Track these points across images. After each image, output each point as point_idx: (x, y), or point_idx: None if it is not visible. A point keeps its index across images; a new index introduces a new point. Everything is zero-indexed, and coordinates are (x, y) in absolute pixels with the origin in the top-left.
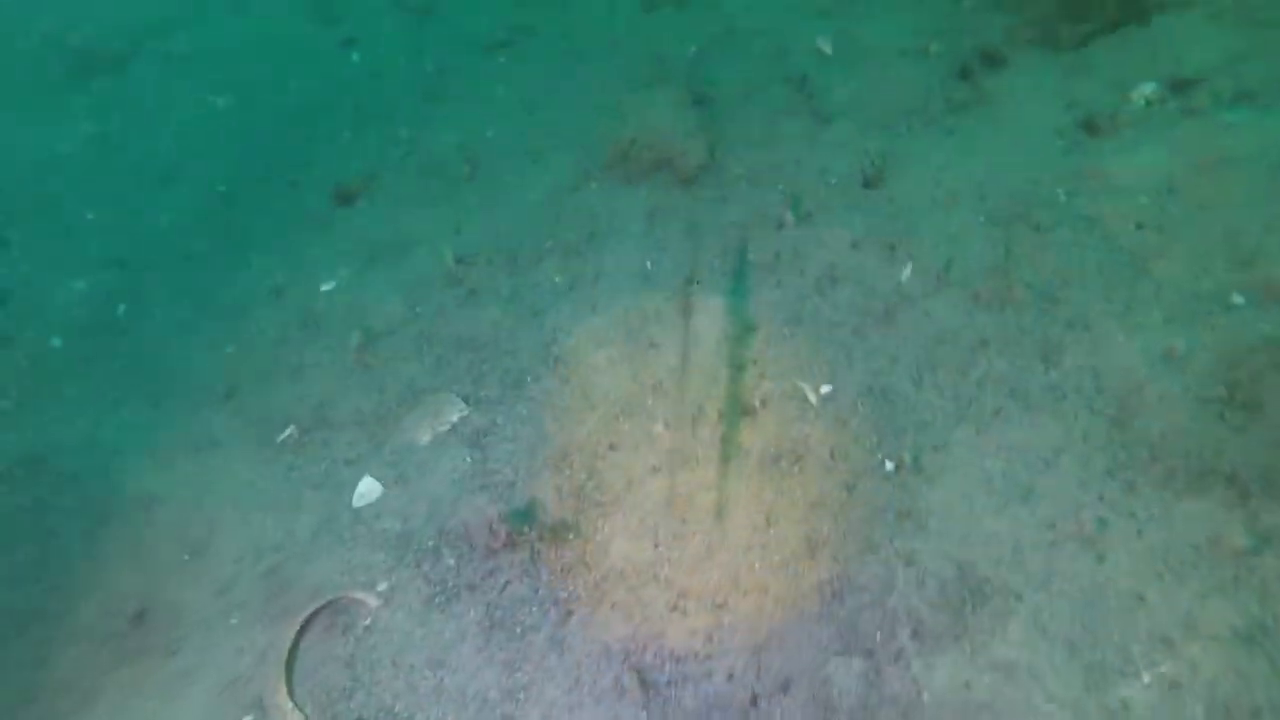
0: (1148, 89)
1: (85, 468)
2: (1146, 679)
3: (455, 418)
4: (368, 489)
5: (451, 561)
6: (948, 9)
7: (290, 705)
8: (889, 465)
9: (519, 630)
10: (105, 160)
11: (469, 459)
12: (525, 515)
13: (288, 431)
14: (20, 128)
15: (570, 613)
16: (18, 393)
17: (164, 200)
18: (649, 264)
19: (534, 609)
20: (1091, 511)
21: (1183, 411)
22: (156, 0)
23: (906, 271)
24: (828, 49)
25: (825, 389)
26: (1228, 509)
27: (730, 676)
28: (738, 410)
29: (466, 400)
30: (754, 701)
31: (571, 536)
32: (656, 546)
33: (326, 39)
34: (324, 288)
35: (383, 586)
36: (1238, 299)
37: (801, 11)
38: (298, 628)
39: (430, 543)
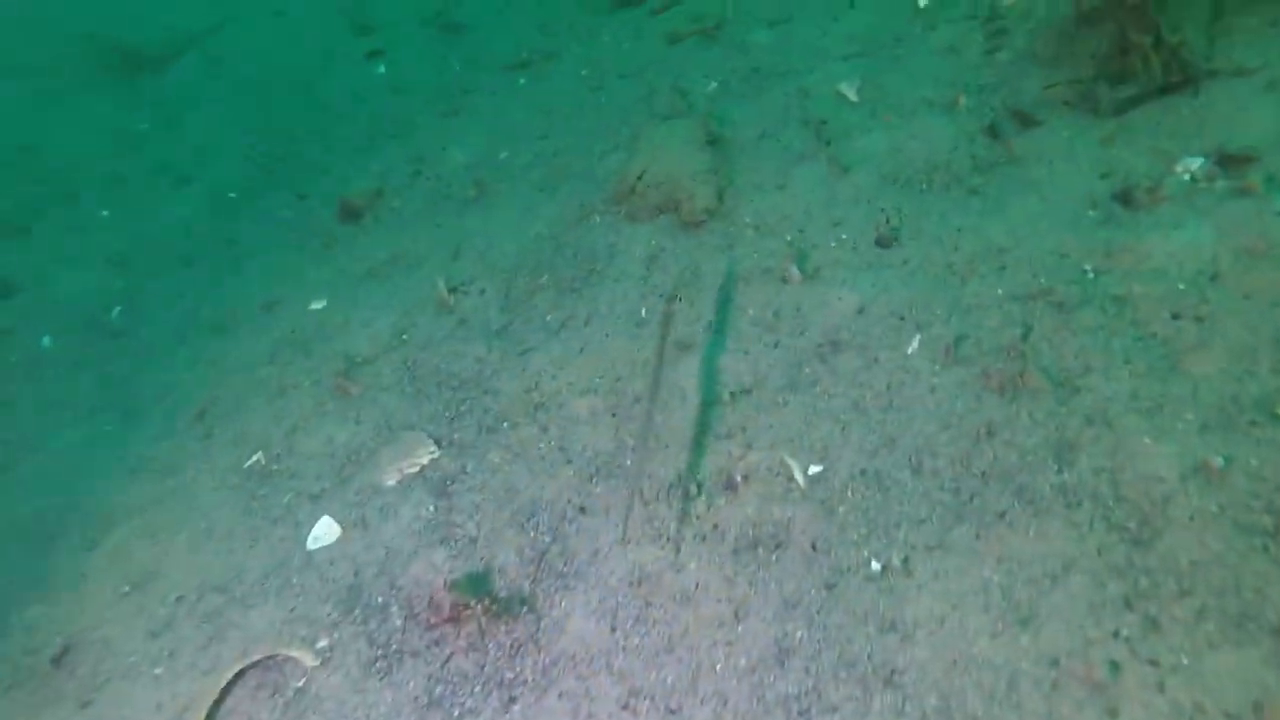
0: (1194, 163)
1: (45, 479)
2: None
3: (425, 460)
4: (325, 530)
5: (398, 622)
6: (981, 62)
7: None
8: (876, 565)
9: (457, 714)
10: (131, 158)
11: (433, 507)
12: (478, 582)
13: (255, 457)
14: (61, 122)
15: (513, 699)
16: None
17: (177, 202)
18: (644, 310)
19: (476, 689)
20: (1103, 650)
21: (1218, 538)
22: (209, 5)
23: (914, 344)
24: (852, 95)
25: (815, 468)
26: (1273, 668)
27: None
28: (719, 484)
29: (439, 442)
30: None
31: (525, 610)
32: (614, 631)
33: (356, 49)
34: (315, 306)
35: (323, 643)
36: None
37: (829, 55)
38: (223, 686)
39: (380, 599)
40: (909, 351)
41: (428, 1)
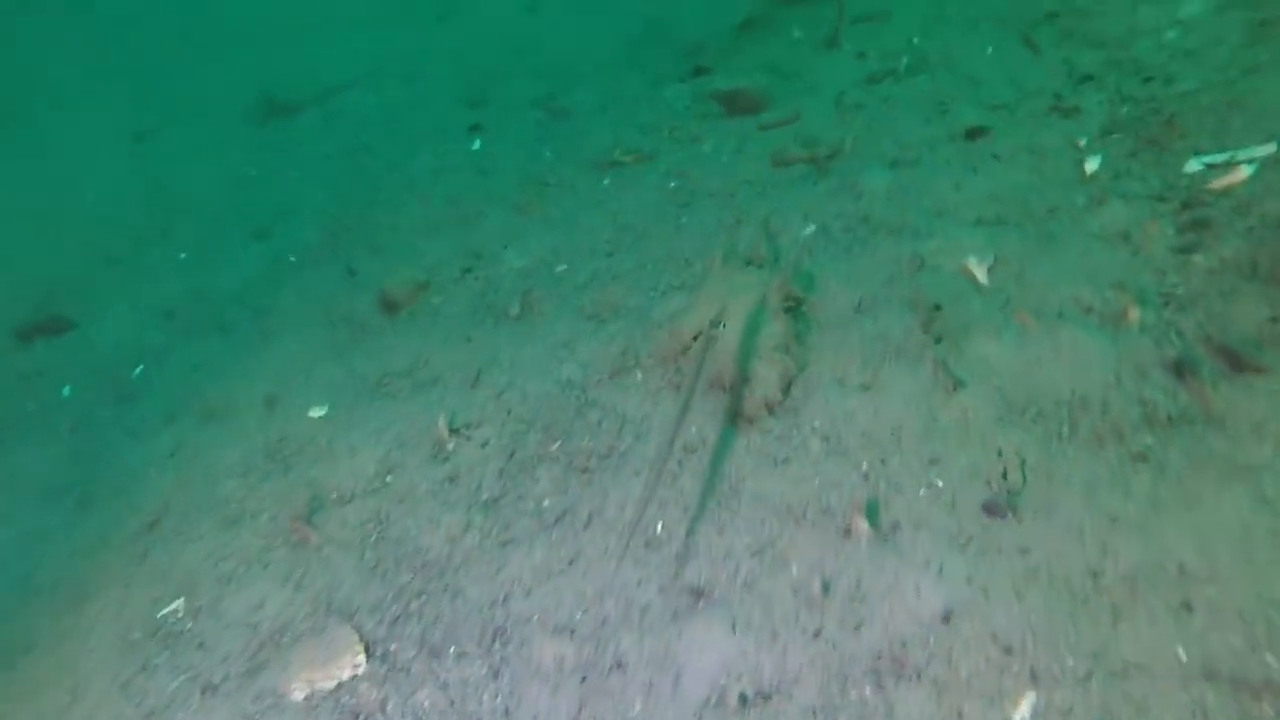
0: None
1: None
2: None
3: (346, 674)
4: None
5: None
6: (1167, 262)
7: None
8: None
9: None
10: (229, 200)
11: None
12: None
13: (175, 606)
14: (192, 163)
15: None
16: None
17: (244, 257)
18: (660, 527)
19: None
20: None
21: None
22: (354, 63)
23: (1024, 710)
24: (981, 275)
25: None
26: None
27: None
28: None
29: (370, 649)
30: None
31: None
32: None
33: (461, 122)
34: (314, 412)
35: None
36: None
37: (958, 216)
38: None
39: None
40: (1015, 719)
41: (544, 82)
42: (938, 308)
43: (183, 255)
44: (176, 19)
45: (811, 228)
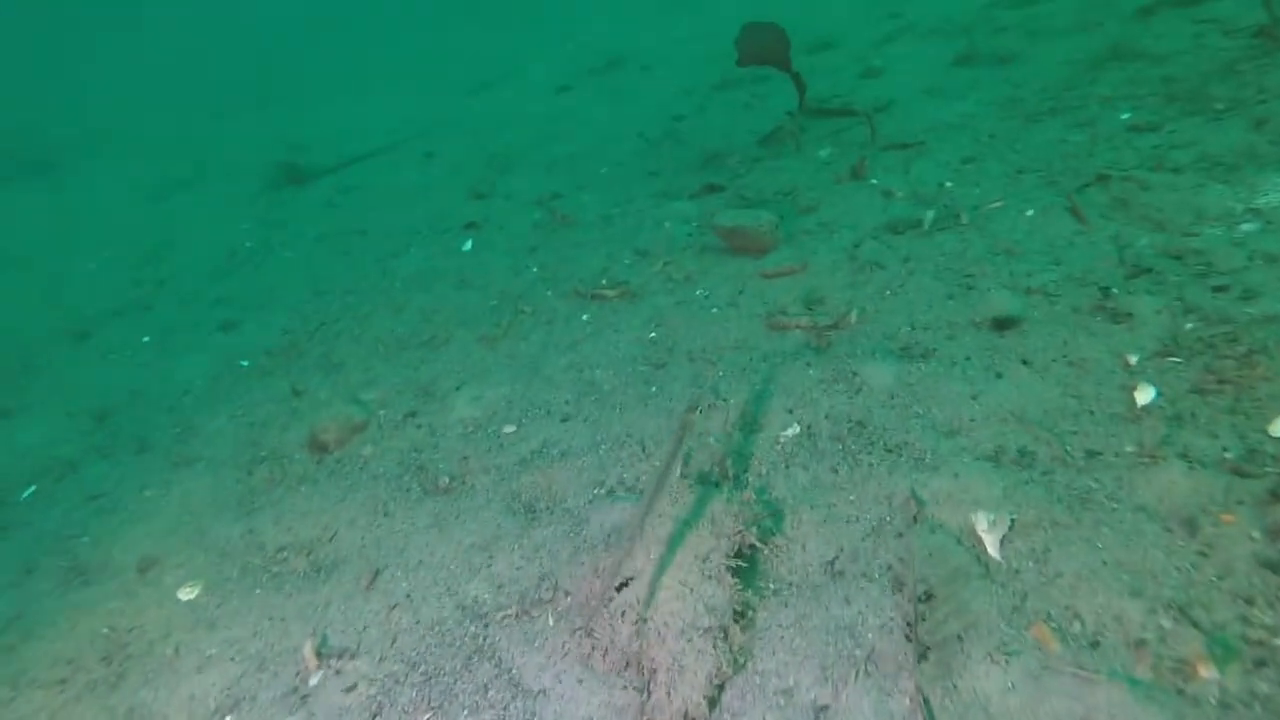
0: None
1: None
2: None
3: None
4: None
5: None
6: (1259, 583)
7: None
8: None
9: None
10: (216, 277)
11: None
12: None
13: None
14: (201, 228)
15: None
16: None
17: (204, 351)
18: None
19: None
20: None
21: None
22: (380, 132)
23: None
24: (992, 546)
25: None
26: None
27: None
28: None
29: None
30: None
31: None
32: None
33: (460, 216)
34: (184, 594)
35: None
36: None
37: (971, 442)
38: None
39: None
40: None
41: (554, 177)
42: (929, 596)
43: (146, 339)
44: (227, 74)
45: (795, 429)
